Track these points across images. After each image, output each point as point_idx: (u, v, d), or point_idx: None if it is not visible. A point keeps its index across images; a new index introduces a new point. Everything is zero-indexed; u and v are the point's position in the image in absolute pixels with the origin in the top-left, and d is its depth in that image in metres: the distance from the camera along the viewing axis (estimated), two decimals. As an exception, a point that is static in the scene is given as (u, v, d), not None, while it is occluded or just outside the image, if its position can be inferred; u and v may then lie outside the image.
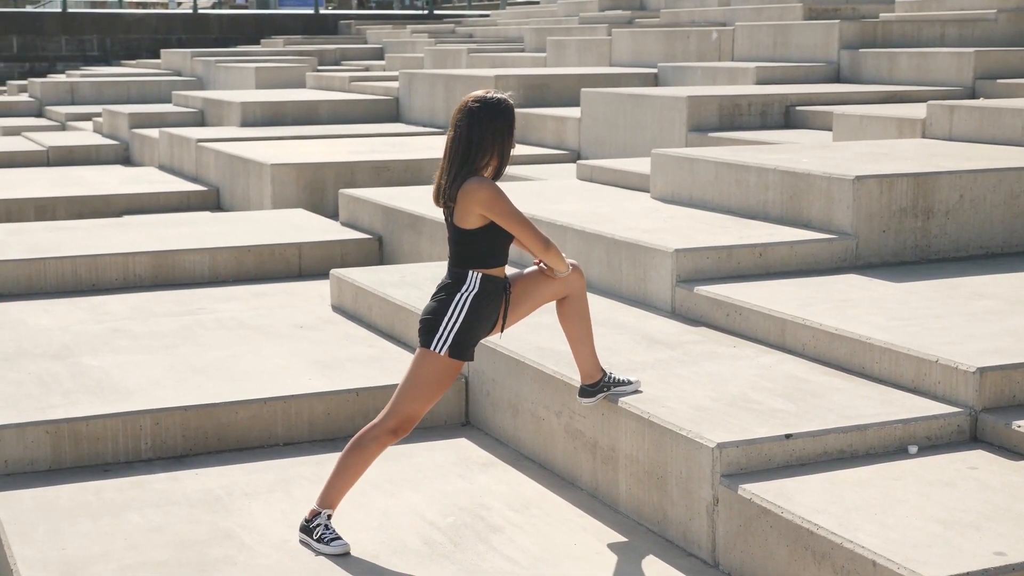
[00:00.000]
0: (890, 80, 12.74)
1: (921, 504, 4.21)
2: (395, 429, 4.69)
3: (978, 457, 4.66)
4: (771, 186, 7.28)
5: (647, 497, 4.90)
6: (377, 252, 9.35)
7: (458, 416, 6.18)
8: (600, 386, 5.05)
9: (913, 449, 4.71)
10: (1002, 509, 4.15)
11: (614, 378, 5.08)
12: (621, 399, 5.02)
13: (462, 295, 4.65)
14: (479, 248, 4.67)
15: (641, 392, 5.08)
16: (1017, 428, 4.69)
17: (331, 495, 4.73)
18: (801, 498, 4.28)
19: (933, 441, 4.78)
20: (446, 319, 4.64)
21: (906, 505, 4.20)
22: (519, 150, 12.74)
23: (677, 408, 4.90)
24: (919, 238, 6.89)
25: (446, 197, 4.63)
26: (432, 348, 4.65)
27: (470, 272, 4.67)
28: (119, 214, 12.01)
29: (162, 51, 26.05)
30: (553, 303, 4.99)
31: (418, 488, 5.30)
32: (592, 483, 5.25)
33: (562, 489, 5.31)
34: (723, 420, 4.74)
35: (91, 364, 6.40)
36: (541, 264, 4.86)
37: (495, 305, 4.73)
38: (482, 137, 4.57)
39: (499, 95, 4.63)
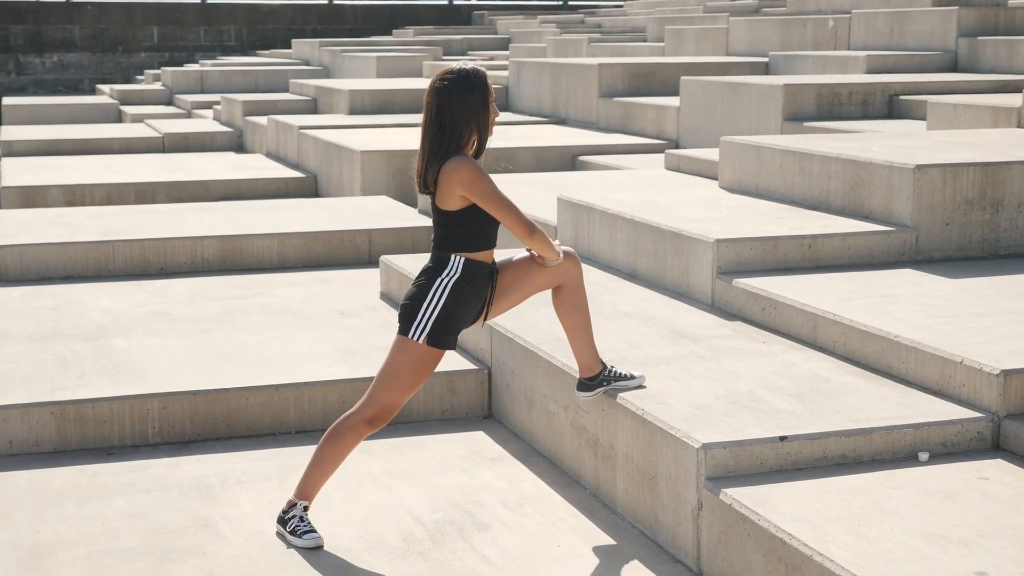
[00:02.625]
0: (1009, 69, 12.13)
1: (912, 516, 3.86)
2: (372, 419, 4.50)
3: (994, 467, 4.28)
4: (833, 175, 6.90)
5: (641, 499, 4.63)
6: (449, 240, 9.16)
7: (480, 408, 5.98)
8: (599, 380, 4.78)
9: (924, 456, 4.35)
10: (1000, 524, 3.78)
11: (615, 372, 4.81)
12: (620, 394, 4.75)
13: (443, 280, 4.43)
14: (462, 230, 4.43)
15: (644, 388, 4.81)
16: (1041, 437, 4.31)
17: (308, 486, 4.56)
18: (783, 505, 3.97)
19: (949, 448, 4.41)
20: (425, 305, 4.42)
21: (895, 517, 3.86)
22: (618, 140, 12.59)
23: (675, 406, 4.61)
24: (986, 232, 6.45)
25: (425, 183, 4.41)
26: (410, 336, 4.44)
27: (452, 256, 4.45)
28: (217, 200, 12.06)
29: (293, 41, 26.32)
30: (550, 294, 4.74)
31: (416, 482, 5.11)
32: (594, 482, 4.99)
33: (565, 487, 5.06)
34: (719, 420, 4.44)
35: (119, 346, 6.35)
36: (532, 250, 4.62)
37: (479, 291, 4.49)
38: (455, 117, 4.33)
39: (466, 67, 4.39)
